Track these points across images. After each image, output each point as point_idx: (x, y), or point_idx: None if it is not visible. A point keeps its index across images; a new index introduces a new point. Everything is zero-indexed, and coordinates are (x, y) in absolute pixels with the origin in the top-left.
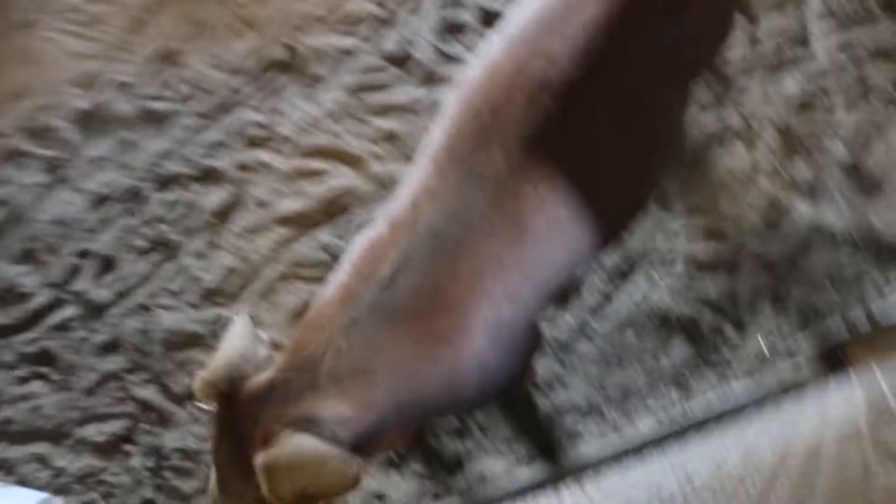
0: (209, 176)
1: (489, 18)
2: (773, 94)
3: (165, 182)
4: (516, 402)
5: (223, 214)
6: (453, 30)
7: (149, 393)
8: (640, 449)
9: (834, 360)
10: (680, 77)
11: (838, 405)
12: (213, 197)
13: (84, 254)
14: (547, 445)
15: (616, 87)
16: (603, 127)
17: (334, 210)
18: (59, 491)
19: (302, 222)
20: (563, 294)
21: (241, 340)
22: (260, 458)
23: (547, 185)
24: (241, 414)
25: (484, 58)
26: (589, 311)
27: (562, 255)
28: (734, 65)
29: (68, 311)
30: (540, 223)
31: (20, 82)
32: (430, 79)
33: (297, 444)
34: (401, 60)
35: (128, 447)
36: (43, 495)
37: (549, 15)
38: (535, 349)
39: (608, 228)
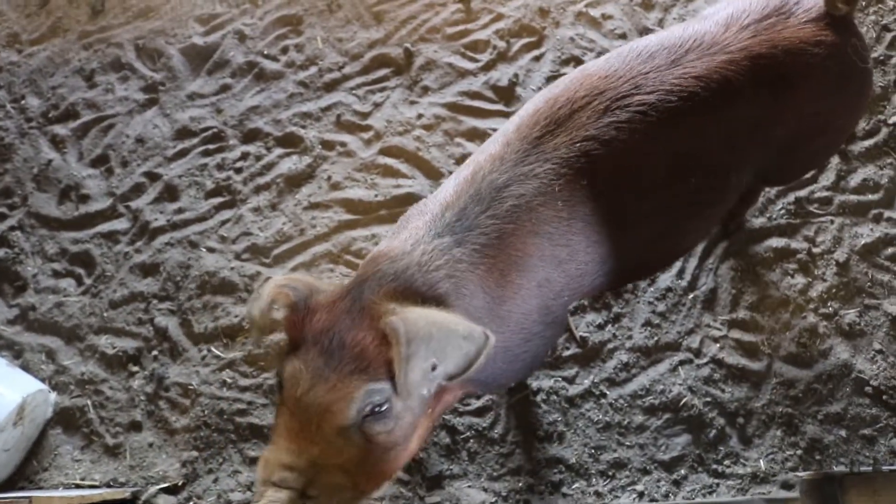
0: (292, 142)
1: None
2: (846, 239)
3: (250, 136)
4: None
5: (293, 182)
6: None
7: (170, 324)
8: None
9: (829, 493)
10: (749, 173)
11: None
12: (290, 163)
13: (153, 177)
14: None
15: (687, 143)
16: (658, 167)
17: (397, 209)
18: (56, 387)
19: (363, 211)
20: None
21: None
22: (392, 320)
23: (596, 185)
24: (334, 310)
25: (583, 66)
26: (606, 378)
27: (600, 252)
28: (816, 200)
29: (120, 225)
30: (585, 216)
31: (150, 3)
32: None
33: (418, 310)
34: (505, 93)
35: (134, 367)
36: (41, 385)
37: (656, 51)
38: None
39: (628, 260)
